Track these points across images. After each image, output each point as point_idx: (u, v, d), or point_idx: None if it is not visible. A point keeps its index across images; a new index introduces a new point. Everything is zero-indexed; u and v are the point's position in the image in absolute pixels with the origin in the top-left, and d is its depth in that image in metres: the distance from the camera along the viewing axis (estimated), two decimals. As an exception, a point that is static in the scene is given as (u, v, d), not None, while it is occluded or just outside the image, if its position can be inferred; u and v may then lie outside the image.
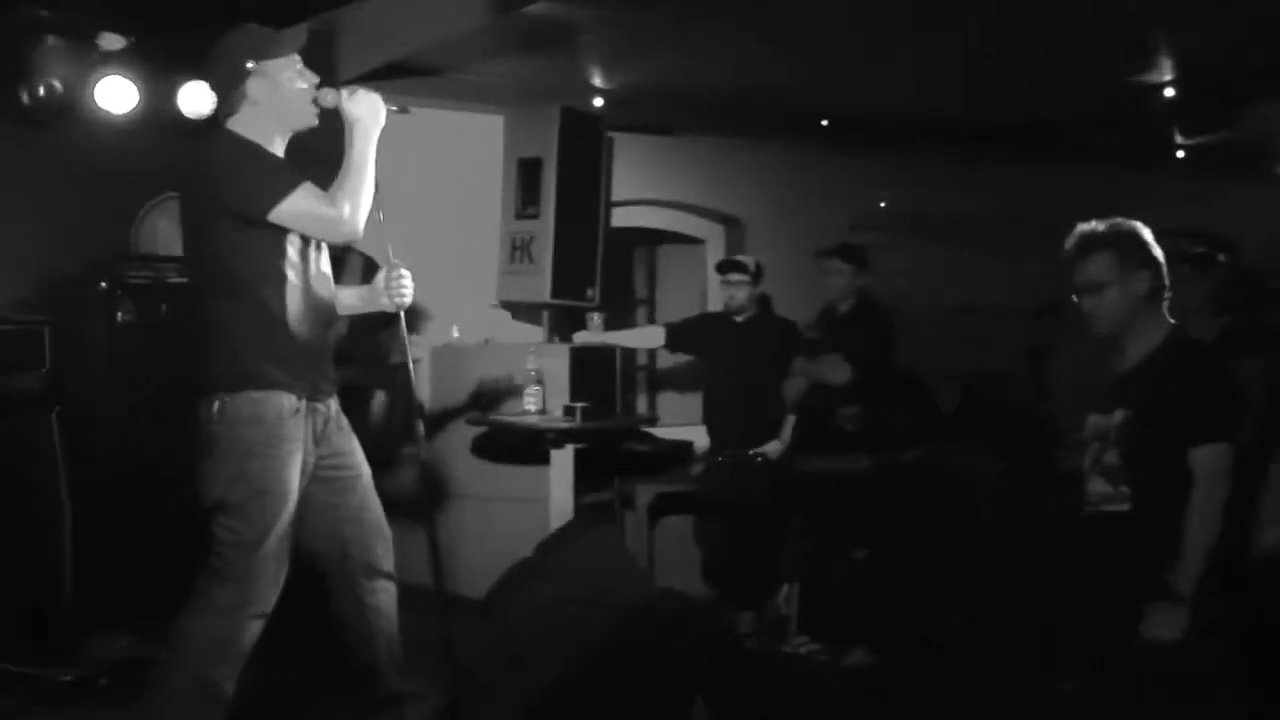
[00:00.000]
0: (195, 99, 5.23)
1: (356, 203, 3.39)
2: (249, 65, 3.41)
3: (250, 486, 3.36)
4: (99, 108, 5.20)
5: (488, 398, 5.91)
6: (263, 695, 3.69)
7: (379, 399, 5.36)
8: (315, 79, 3.50)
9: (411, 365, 3.78)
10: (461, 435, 6.06)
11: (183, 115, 5.28)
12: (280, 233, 3.38)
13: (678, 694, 4.18)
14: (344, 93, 3.47)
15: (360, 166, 3.43)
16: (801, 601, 5.38)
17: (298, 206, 3.34)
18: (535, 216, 6.30)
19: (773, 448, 5.88)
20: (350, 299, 3.79)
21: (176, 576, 3.49)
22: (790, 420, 5.96)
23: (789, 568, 5.46)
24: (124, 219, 5.49)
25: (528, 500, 5.76)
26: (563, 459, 5.57)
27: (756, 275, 6.02)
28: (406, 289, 3.69)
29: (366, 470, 3.66)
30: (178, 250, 5.52)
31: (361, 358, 5.05)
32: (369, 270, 4.51)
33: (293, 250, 3.43)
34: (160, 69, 5.26)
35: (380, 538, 3.66)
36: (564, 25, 5.35)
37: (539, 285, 6.27)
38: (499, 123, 6.55)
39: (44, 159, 5.30)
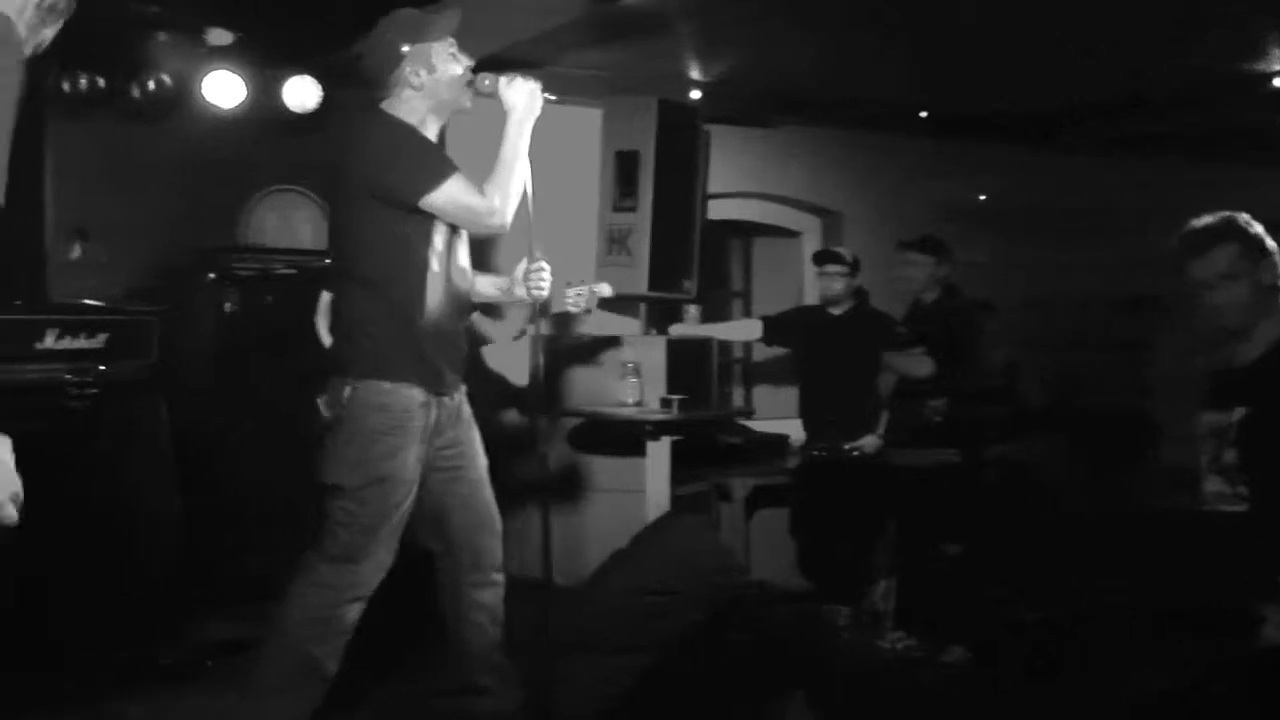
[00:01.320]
0: (301, 92, 5.32)
1: (506, 194, 3.38)
2: (404, 48, 3.39)
3: (371, 473, 3.38)
4: (207, 102, 5.32)
5: None
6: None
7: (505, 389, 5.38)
8: (470, 62, 3.48)
9: (541, 355, 3.76)
10: (560, 426, 6.09)
11: (288, 109, 5.38)
12: (429, 221, 3.37)
13: (774, 687, 4.18)
14: (502, 79, 3.45)
15: (513, 156, 3.41)
16: (898, 597, 5.34)
17: (449, 195, 3.33)
18: (632, 209, 6.30)
19: (869, 442, 5.84)
20: (488, 288, 3.77)
21: (281, 559, 3.55)
22: (886, 414, 5.91)
23: (885, 563, 5.42)
24: (231, 211, 5.60)
25: (624, 491, 5.77)
26: (659, 451, 5.59)
27: (853, 267, 5.98)
28: (545, 281, 3.64)
29: (482, 462, 3.66)
30: (284, 242, 5.73)
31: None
32: None
33: (439, 239, 3.41)
34: (266, 63, 5.36)
35: (490, 531, 3.66)
36: (661, 16, 5.35)
37: (636, 278, 6.26)
38: (596, 116, 6.56)
39: (154, 153, 5.43)
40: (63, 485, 4.42)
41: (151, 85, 5.23)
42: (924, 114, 7.19)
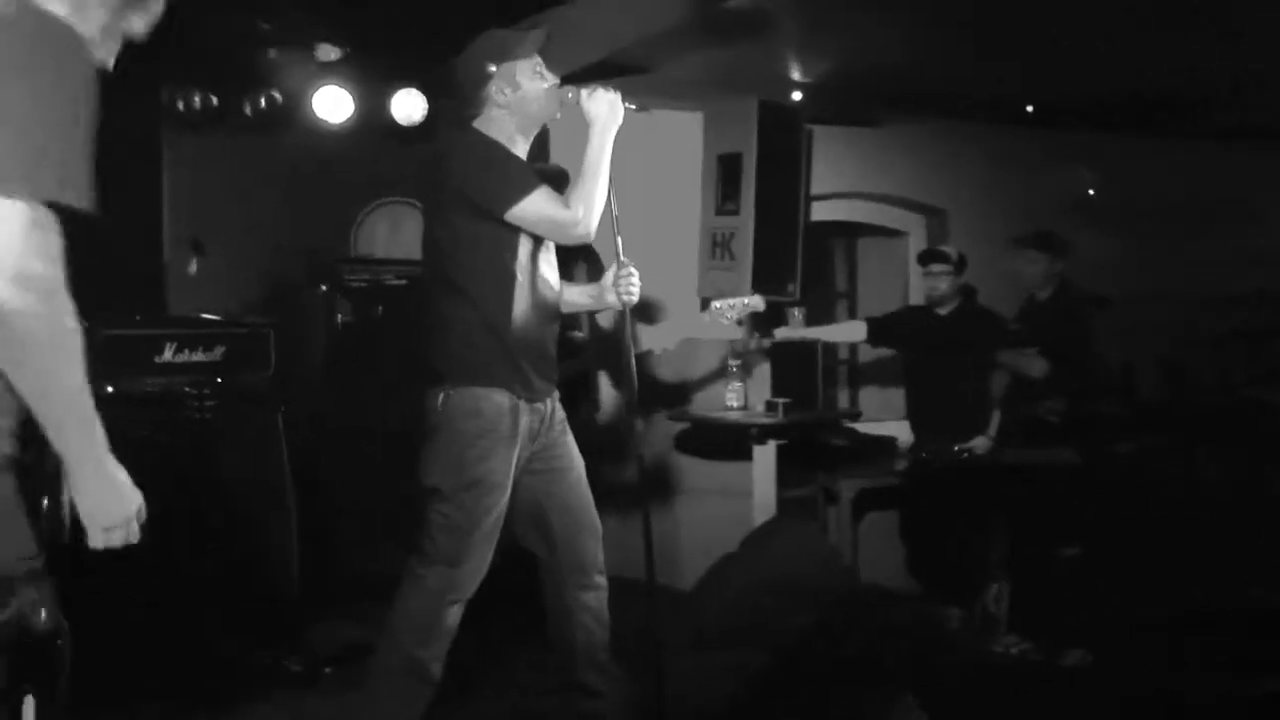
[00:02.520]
0: (407, 106, 5.41)
1: (590, 205, 3.44)
2: (490, 68, 3.49)
3: (465, 477, 3.45)
4: (317, 117, 5.43)
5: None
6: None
7: (603, 393, 5.43)
8: (555, 79, 3.56)
9: (634, 361, 3.80)
10: (667, 430, 6.11)
11: (396, 122, 5.47)
12: (514, 232, 3.45)
13: (885, 690, 4.15)
14: (584, 91, 3.52)
15: (596, 167, 3.48)
16: (1012, 600, 5.27)
17: (534, 207, 3.40)
18: (735, 212, 6.30)
19: (979, 443, 5.75)
20: (578, 296, 3.84)
21: (396, 566, 3.61)
22: (997, 414, 5.83)
23: (998, 565, 5.35)
24: (342, 224, 5.71)
25: (731, 495, 5.77)
26: (765, 454, 5.57)
27: (959, 265, 5.90)
28: (634, 287, 3.70)
29: (579, 464, 3.70)
30: (394, 253, 5.83)
31: (590, 352, 5.12)
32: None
33: (524, 250, 3.49)
34: (374, 78, 5.46)
35: (590, 532, 3.70)
36: (762, 18, 5.34)
37: (739, 281, 6.26)
38: (697, 120, 6.57)
39: (266, 167, 5.56)
40: (184, 495, 4.55)
41: (263, 101, 5.37)
42: (1030, 107, 7.07)
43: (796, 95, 6.47)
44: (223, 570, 4.46)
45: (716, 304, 4.40)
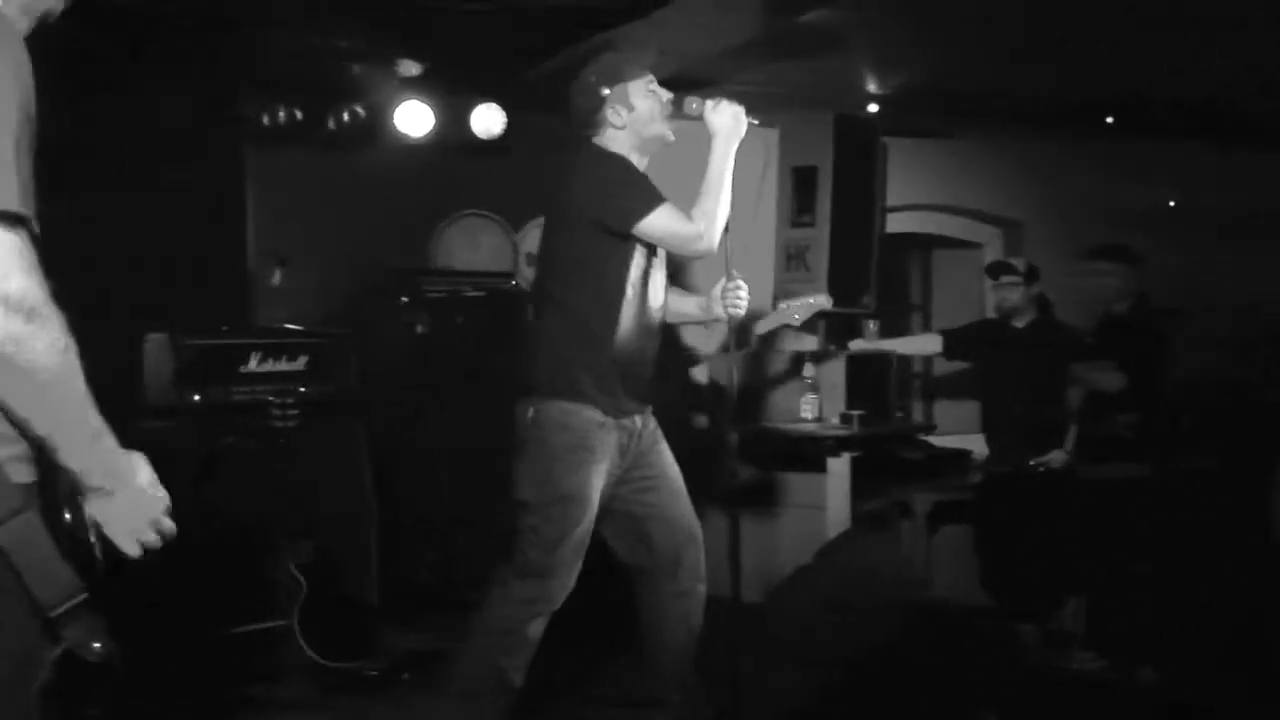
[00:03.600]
0: (486, 120, 5.48)
1: (713, 218, 3.48)
2: (604, 91, 3.56)
3: (554, 490, 3.49)
4: (398, 131, 5.52)
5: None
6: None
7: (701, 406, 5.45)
8: (668, 96, 3.61)
9: (735, 373, 3.81)
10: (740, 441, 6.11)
11: (475, 135, 5.54)
12: (630, 247, 3.50)
13: (959, 705, 4.13)
14: (708, 103, 3.56)
15: (718, 180, 3.52)
16: (1087, 615, 5.22)
17: (660, 222, 3.45)
18: (810, 225, 6.29)
19: (1055, 457, 5.70)
20: (687, 307, 3.88)
21: (474, 573, 3.66)
22: (1073, 428, 5.77)
23: (1073, 581, 5.30)
24: (422, 236, 5.80)
25: (805, 507, 5.77)
26: (840, 466, 5.57)
27: (1029, 277, 5.86)
28: (742, 299, 3.73)
29: (675, 472, 3.73)
30: (472, 265, 5.90)
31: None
32: None
33: (635, 268, 3.54)
34: (454, 92, 5.54)
35: (688, 537, 3.72)
36: (837, 31, 5.35)
37: (814, 293, 6.25)
38: (773, 133, 6.58)
39: (348, 181, 5.66)
40: (268, 502, 4.65)
41: (346, 116, 5.47)
42: (1110, 119, 7.00)
43: (872, 107, 6.46)
44: (302, 576, 4.54)
45: (783, 304, 4.41)
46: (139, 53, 4.88)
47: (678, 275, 3.97)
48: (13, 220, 1.64)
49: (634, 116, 3.56)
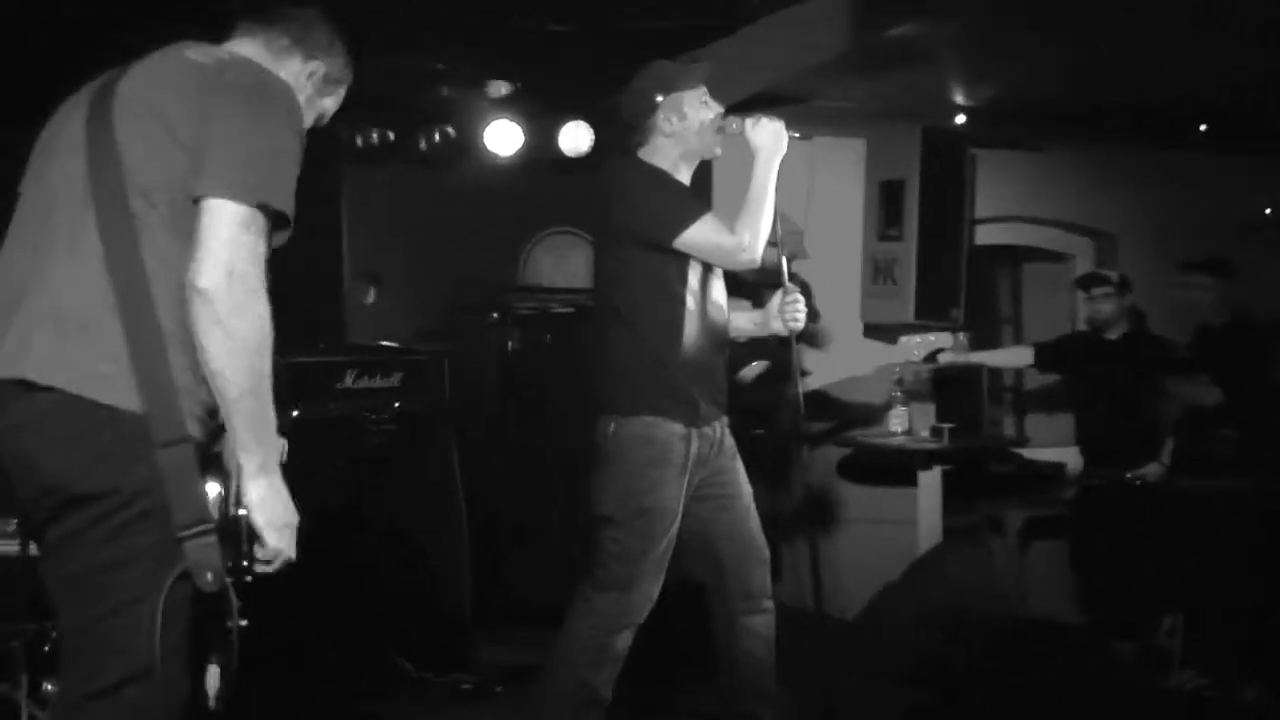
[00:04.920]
0: (574, 138, 5.54)
1: (756, 231, 3.48)
2: (657, 98, 3.57)
3: (636, 504, 3.51)
4: (488, 150, 5.60)
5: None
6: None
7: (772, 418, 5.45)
8: (720, 109, 3.62)
9: (800, 387, 3.83)
10: (830, 456, 6.11)
11: (563, 153, 5.60)
12: (683, 260, 3.51)
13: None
14: (748, 121, 3.57)
15: (761, 194, 3.52)
16: (1186, 632, 5.13)
17: (700, 234, 3.46)
18: (898, 238, 6.28)
19: (1152, 470, 5.63)
20: (744, 323, 3.88)
21: (565, 588, 3.69)
22: (1170, 441, 5.69)
23: (1172, 597, 5.22)
24: (512, 253, 5.86)
25: (896, 522, 5.74)
26: (930, 480, 5.53)
27: (1120, 288, 5.79)
28: (800, 313, 3.74)
29: (747, 491, 3.73)
30: (561, 282, 5.96)
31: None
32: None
33: (693, 277, 3.55)
34: (542, 111, 5.60)
35: (758, 559, 3.72)
36: (924, 44, 5.32)
37: (902, 307, 6.24)
38: (859, 146, 6.57)
39: (439, 200, 5.74)
40: (364, 517, 4.73)
41: (437, 136, 5.55)
42: (1204, 127, 6.89)
43: (960, 119, 6.43)
44: (397, 590, 4.61)
45: (903, 339, 4.40)
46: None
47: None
48: (264, 215, 2.10)
49: (684, 126, 3.57)
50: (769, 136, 3.56)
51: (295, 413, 4.71)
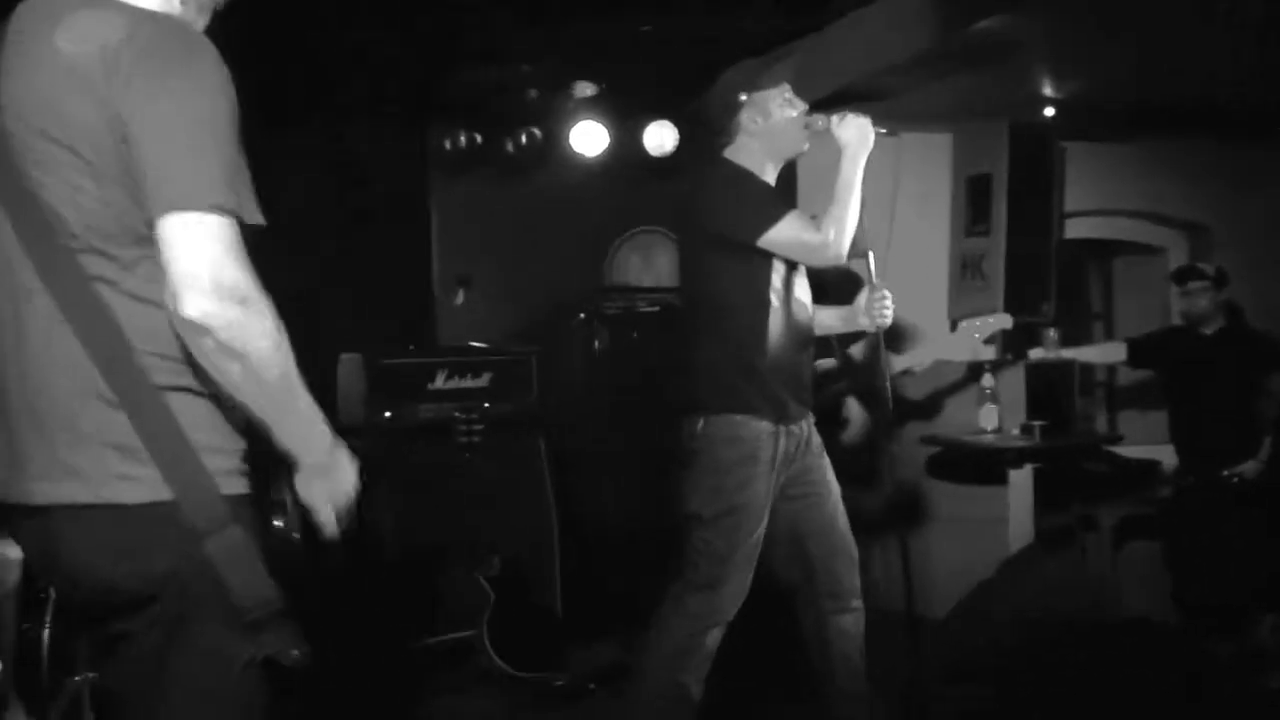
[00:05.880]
0: (659, 137, 5.57)
1: (841, 228, 3.48)
2: (742, 97, 3.59)
3: (725, 502, 3.52)
4: (574, 151, 5.64)
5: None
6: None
7: (858, 417, 5.43)
8: (804, 106, 3.63)
9: (889, 385, 3.82)
10: (919, 454, 6.06)
11: (648, 153, 5.63)
12: (767, 258, 3.52)
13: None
14: (834, 118, 3.57)
15: (846, 191, 3.51)
16: (1287, 632, 5.04)
17: (785, 233, 3.47)
18: (985, 234, 6.22)
19: (1250, 468, 5.53)
20: (830, 319, 3.88)
21: (657, 586, 3.72)
22: (1269, 439, 5.58)
23: (1271, 595, 5.12)
24: (598, 253, 5.91)
25: (986, 520, 5.68)
26: (1021, 479, 5.47)
27: (1217, 282, 5.69)
28: (888, 309, 3.74)
29: (835, 489, 3.73)
30: (647, 281, 5.99)
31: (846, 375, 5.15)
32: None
33: (777, 276, 3.56)
34: (627, 111, 5.64)
35: (846, 557, 3.71)
36: (1010, 37, 5.27)
37: (991, 302, 6.17)
38: (945, 141, 6.52)
39: (527, 201, 5.81)
40: (455, 516, 4.80)
41: (524, 138, 5.61)
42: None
43: (1048, 112, 6.35)
44: (490, 588, 4.66)
45: (964, 323, 4.38)
46: (331, 86, 5.10)
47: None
48: (228, 214, 1.76)
49: (770, 125, 3.58)
50: (855, 133, 3.55)
51: (387, 414, 4.81)
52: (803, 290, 3.68)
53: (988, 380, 5.71)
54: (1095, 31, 5.32)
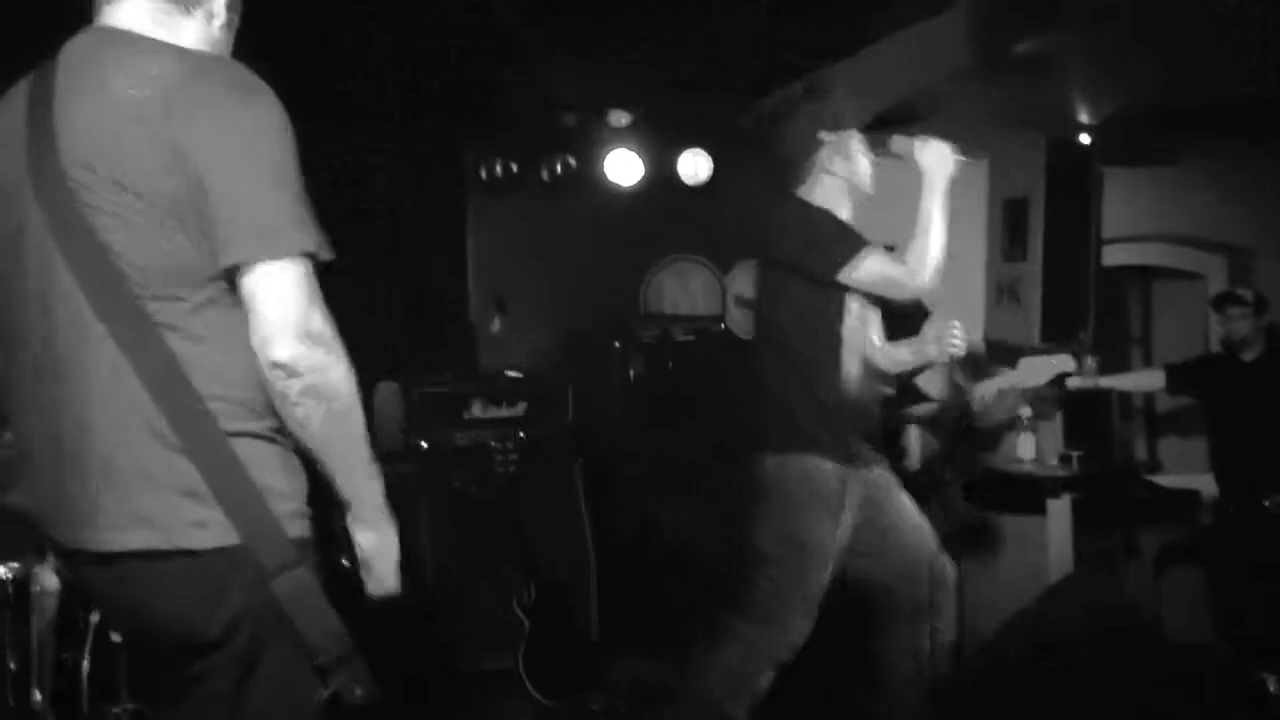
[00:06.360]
0: (693, 166, 5.59)
1: (925, 259, 3.42)
2: (823, 137, 3.53)
3: (792, 542, 3.48)
4: (609, 179, 5.67)
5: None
6: None
7: (917, 446, 5.40)
8: (872, 155, 3.60)
9: (960, 414, 3.78)
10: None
11: (683, 181, 5.65)
12: (843, 295, 3.48)
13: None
14: (916, 142, 3.52)
15: (929, 219, 3.44)
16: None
17: (869, 267, 3.42)
18: (1022, 258, 6.18)
19: (1292, 496, 5.46)
20: (902, 354, 3.75)
21: (691, 612, 3.70)
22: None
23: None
24: (634, 281, 5.92)
25: (1025, 547, 5.64)
26: (1060, 508, 5.43)
27: (1258, 307, 5.63)
28: (958, 339, 3.61)
29: (913, 519, 3.66)
30: (683, 309, 6.00)
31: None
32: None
33: (852, 315, 3.52)
34: (661, 140, 5.66)
35: (940, 587, 3.64)
36: (1048, 59, 5.26)
37: (1027, 328, 6.12)
38: (981, 165, 6.49)
39: (562, 229, 5.83)
40: (491, 543, 4.80)
41: (559, 166, 5.64)
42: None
43: (1086, 137, 6.31)
44: (526, 616, 4.66)
45: (1024, 361, 4.31)
46: (367, 115, 5.14)
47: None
48: (310, 258, 1.81)
49: (851, 166, 3.54)
50: (936, 158, 3.49)
51: (424, 442, 4.83)
52: (876, 329, 3.63)
53: (1025, 410, 5.68)
54: (1130, 53, 5.30)
